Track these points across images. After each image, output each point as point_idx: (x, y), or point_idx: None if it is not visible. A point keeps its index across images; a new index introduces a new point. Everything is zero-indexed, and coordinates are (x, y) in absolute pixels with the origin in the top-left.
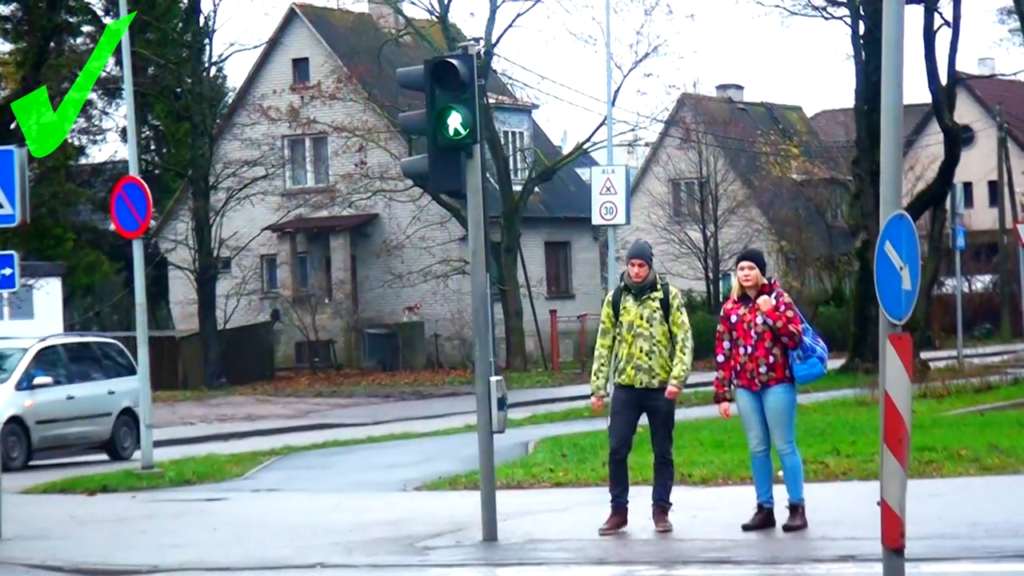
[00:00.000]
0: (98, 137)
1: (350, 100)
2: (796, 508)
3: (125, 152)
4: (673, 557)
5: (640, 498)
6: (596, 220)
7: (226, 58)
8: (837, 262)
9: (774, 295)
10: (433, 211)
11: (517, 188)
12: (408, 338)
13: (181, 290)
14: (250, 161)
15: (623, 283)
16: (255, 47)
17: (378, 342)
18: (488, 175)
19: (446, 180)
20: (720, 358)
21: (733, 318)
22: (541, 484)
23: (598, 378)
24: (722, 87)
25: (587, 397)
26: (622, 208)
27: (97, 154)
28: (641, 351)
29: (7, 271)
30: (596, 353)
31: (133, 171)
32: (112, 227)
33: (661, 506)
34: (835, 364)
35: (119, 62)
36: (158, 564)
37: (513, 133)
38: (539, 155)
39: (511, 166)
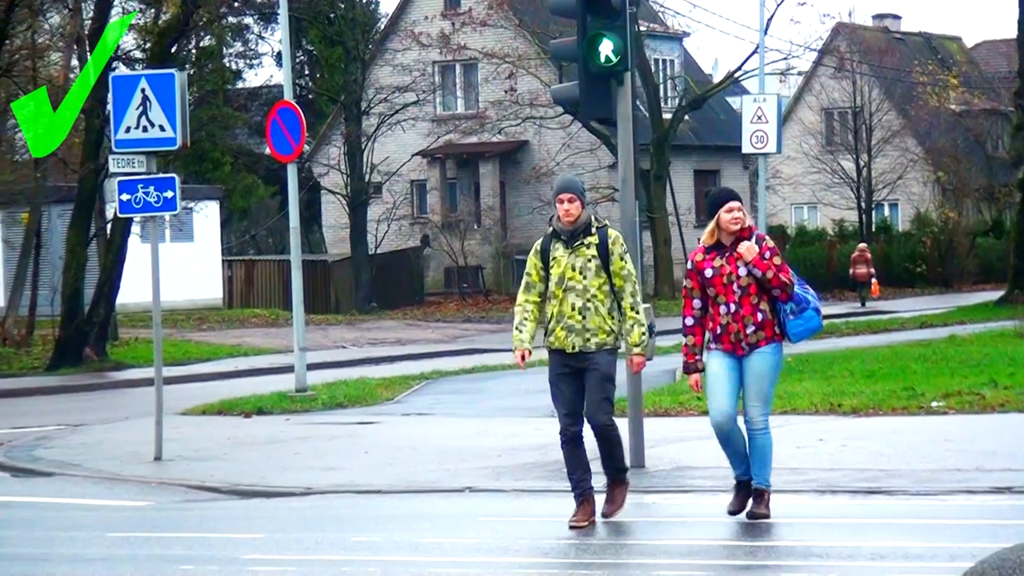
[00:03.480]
0: (254, 61)
1: (501, 26)
2: (763, 494)
3: (280, 77)
4: (823, 486)
5: (797, 426)
6: (746, 149)
7: None
8: (997, 193)
9: (754, 240)
10: (583, 138)
11: (667, 116)
12: None
13: (333, 214)
14: (401, 87)
15: (551, 228)
16: None
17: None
18: (638, 103)
19: (596, 107)
20: (689, 321)
21: (708, 271)
22: (688, 412)
23: (520, 331)
24: (878, 16)
25: None
26: (773, 137)
27: (253, 78)
28: (573, 308)
29: (169, 193)
30: (517, 307)
31: (288, 96)
32: (267, 151)
33: (615, 478)
34: (994, 295)
35: None
36: (311, 486)
37: (664, 61)
38: (690, 83)
39: (661, 94)
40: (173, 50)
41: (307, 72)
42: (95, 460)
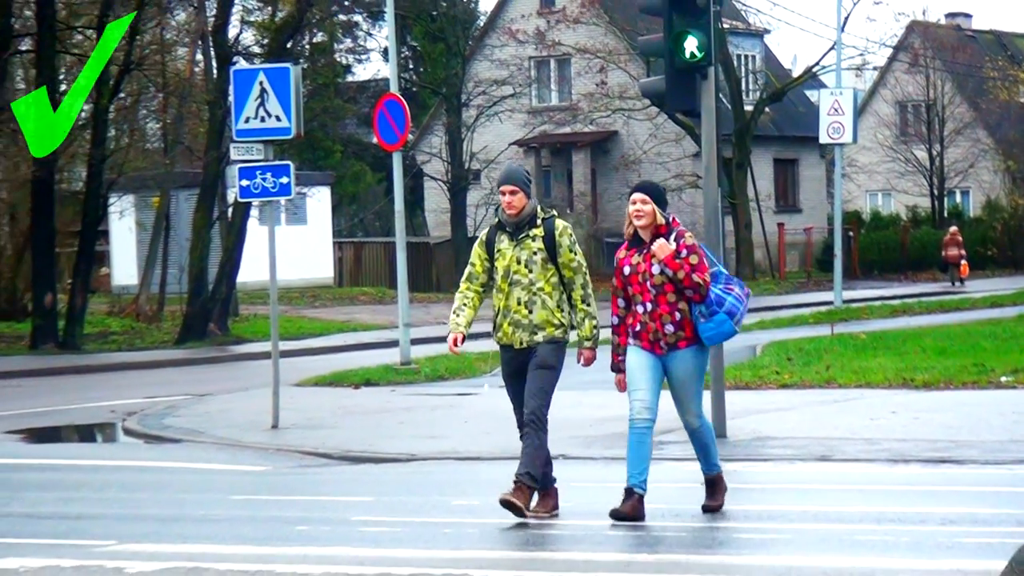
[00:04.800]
0: (363, 56)
1: (593, 24)
2: (715, 482)
3: (386, 71)
4: (895, 456)
5: (871, 399)
6: (823, 139)
7: None
8: None
9: (673, 236)
10: (669, 129)
11: (748, 108)
12: None
13: (435, 199)
14: (499, 80)
15: (497, 219)
16: None
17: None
18: (721, 96)
19: (682, 100)
20: (615, 320)
21: (626, 269)
22: (768, 385)
23: (457, 316)
24: (951, 15)
25: (812, 305)
26: (849, 128)
27: (362, 72)
28: (519, 303)
29: (284, 179)
30: (457, 295)
31: (393, 88)
32: (374, 140)
33: (519, 483)
34: None
35: None
36: (415, 453)
37: (745, 56)
38: (770, 77)
39: (743, 87)
40: (288, 46)
41: (411, 66)
42: (218, 428)
